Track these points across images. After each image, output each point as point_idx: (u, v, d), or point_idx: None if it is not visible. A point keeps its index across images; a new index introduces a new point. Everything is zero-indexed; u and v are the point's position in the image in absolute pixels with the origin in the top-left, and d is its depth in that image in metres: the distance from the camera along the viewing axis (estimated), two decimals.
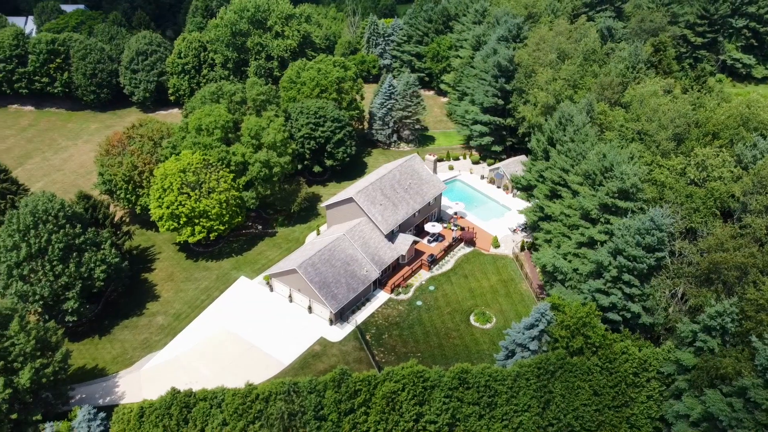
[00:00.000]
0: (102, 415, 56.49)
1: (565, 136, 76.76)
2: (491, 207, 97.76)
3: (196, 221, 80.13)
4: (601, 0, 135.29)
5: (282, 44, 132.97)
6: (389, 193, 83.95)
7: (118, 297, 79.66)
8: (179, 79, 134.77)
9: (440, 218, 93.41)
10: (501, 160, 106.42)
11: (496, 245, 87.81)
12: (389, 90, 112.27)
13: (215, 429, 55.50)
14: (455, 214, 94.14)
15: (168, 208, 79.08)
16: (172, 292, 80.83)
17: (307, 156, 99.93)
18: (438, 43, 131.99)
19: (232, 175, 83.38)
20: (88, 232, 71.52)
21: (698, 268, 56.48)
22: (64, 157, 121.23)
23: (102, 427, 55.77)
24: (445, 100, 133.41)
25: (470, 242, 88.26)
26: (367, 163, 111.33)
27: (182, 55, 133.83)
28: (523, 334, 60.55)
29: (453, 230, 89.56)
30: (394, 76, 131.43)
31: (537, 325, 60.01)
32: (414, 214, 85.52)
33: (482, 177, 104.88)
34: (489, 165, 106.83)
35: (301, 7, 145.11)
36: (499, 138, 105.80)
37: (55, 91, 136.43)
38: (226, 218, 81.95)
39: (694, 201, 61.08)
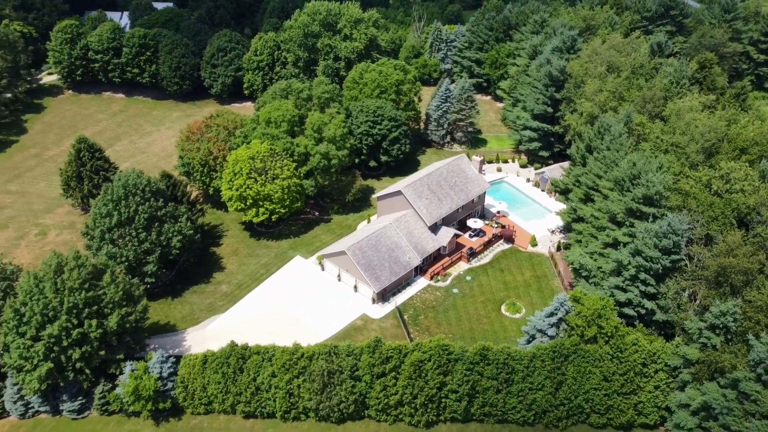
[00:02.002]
0: (172, 359, 66.52)
1: (602, 144, 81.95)
2: (533, 208, 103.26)
3: (261, 203, 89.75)
4: (661, 14, 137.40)
5: (349, 46, 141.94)
6: (435, 188, 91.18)
7: (189, 266, 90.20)
8: (254, 75, 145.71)
9: (483, 215, 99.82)
10: (548, 165, 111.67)
11: (534, 244, 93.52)
12: (446, 94, 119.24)
13: (265, 379, 64.46)
14: (498, 212, 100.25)
15: (237, 190, 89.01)
16: (236, 264, 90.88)
17: (365, 151, 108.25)
18: (497, 51, 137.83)
19: (294, 165, 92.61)
20: (168, 207, 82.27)
21: (710, 271, 61.06)
22: (148, 141, 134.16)
23: (171, 369, 65.75)
24: (501, 105, 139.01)
25: (509, 239, 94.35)
26: (420, 161, 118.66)
27: (258, 53, 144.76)
28: (544, 321, 66.79)
29: (494, 227, 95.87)
30: (452, 80, 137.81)
31: (556, 314, 66.13)
32: (457, 209, 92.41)
33: (528, 180, 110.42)
34: (536, 169, 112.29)
35: (369, 12, 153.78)
36: (546, 144, 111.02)
37: (144, 81, 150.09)
38: (287, 203, 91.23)
39: (713, 210, 65.45)
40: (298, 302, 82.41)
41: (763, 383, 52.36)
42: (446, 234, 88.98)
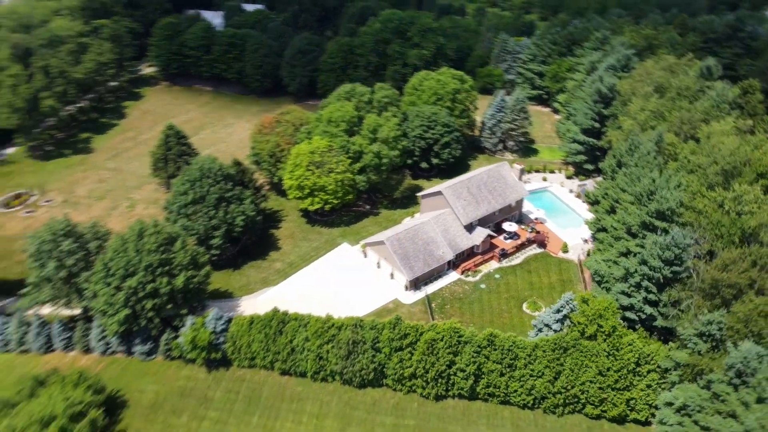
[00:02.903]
0: (225, 318, 78.30)
1: (631, 160, 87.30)
2: (571, 217, 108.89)
3: (316, 194, 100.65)
4: (728, 36, 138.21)
5: (417, 54, 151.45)
6: (474, 191, 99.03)
7: (250, 244, 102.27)
8: (327, 76, 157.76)
9: (520, 220, 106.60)
10: (592, 177, 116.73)
11: (565, 250, 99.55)
12: (500, 104, 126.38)
13: (300, 342, 74.94)
14: (536, 218, 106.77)
15: (296, 180, 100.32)
16: (291, 246, 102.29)
17: (417, 153, 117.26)
18: (558, 65, 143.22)
19: (349, 161, 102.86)
20: (235, 190, 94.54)
21: (705, 284, 66.11)
22: (229, 131, 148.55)
23: (224, 327, 77.49)
24: (558, 117, 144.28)
25: (542, 244, 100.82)
26: (471, 166, 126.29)
27: (333, 55, 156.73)
28: (551, 316, 73.77)
29: (528, 232, 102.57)
30: (508, 92, 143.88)
31: (562, 311, 72.98)
32: (494, 212, 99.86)
33: (570, 191, 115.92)
34: (580, 181, 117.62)
35: (441, 21, 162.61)
36: (592, 157, 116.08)
37: (229, 76, 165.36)
38: (340, 194, 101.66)
39: (719, 229, 70.08)
40: (340, 283, 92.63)
41: (734, 386, 57.61)
42: (480, 234, 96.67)
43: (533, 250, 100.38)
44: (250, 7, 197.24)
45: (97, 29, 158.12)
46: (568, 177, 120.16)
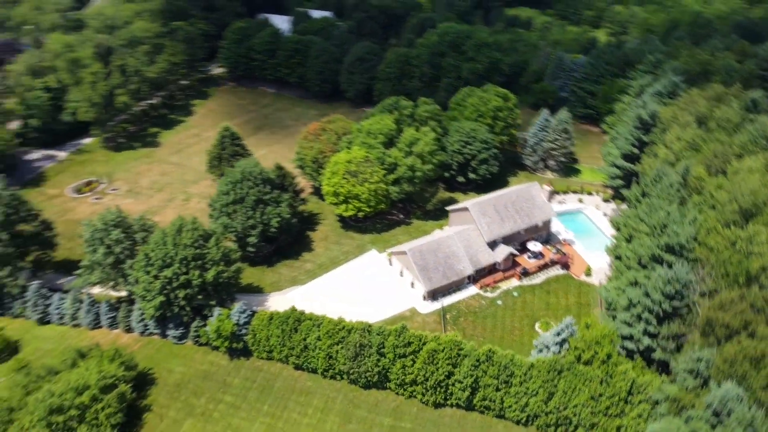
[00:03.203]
0: (249, 312, 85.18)
1: (654, 191, 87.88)
2: (601, 241, 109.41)
3: (350, 201, 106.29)
4: None
5: (471, 68, 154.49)
6: (501, 209, 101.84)
7: (287, 244, 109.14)
8: (383, 85, 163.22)
9: (548, 240, 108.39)
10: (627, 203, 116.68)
11: (588, 274, 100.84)
12: (543, 123, 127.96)
13: (312, 341, 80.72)
14: (563, 240, 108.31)
15: (333, 186, 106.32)
16: (323, 248, 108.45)
17: (455, 167, 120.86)
18: (610, 86, 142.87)
19: (383, 172, 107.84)
20: (273, 193, 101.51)
21: (701, 321, 66.93)
22: (284, 133, 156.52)
23: (246, 320, 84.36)
24: (606, 138, 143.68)
25: (565, 266, 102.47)
26: (509, 182, 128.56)
27: (390, 65, 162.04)
28: (551, 338, 76.23)
29: (554, 252, 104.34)
30: (551, 112, 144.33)
31: (561, 334, 75.31)
32: (519, 231, 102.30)
33: (605, 214, 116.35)
34: (616, 205, 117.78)
35: (498, 35, 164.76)
36: (628, 183, 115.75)
37: (292, 80, 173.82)
38: (372, 203, 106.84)
39: (726, 268, 70.37)
40: (363, 288, 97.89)
41: (711, 424, 58.75)
42: (502, 251, 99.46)
43: (556, 270, 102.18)
44: (318, 14, 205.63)
45: (173, 31, 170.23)
46: (605, 200, 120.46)
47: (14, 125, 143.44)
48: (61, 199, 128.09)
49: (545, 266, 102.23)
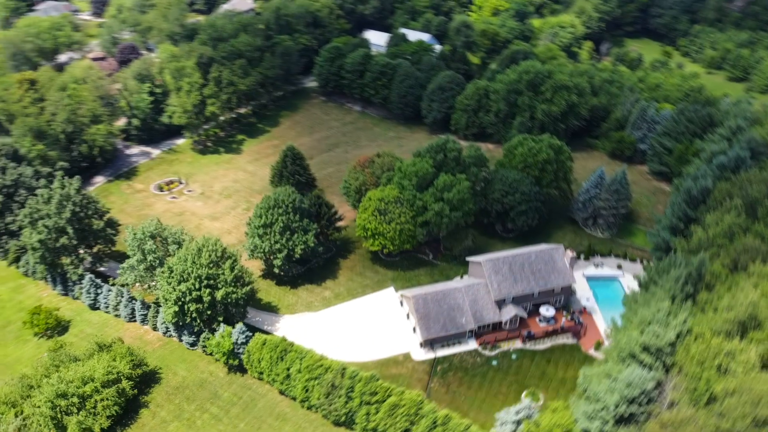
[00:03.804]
0: (248, 333, 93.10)
1: (660, 279, 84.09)
2: None
3: (376, 237, 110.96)
4: None
5: (546, 109, 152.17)
6: (516, 269, 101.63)
7: (317, 268, 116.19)
8: (460, 116, 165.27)
9: (566, 305, 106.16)
10: None
11: (597, 348, 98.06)
12: (597, 180, 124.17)
13: (294, 372, 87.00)
14: (584, 307, 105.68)
15: (363, 221, 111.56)
16: (346, 278, 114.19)
17: (493, 215, 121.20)
18: (686, 146, 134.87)
19: (412, 213, 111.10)
20: (302, 222, 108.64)
21: None
22: (356, 153, 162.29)
23: (244, 340, 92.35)
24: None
25: (576, 335, 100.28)
26: (553, 235, 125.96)
27: (468, 97, 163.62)
28: (509, 415, 76.65)
29: (568, 319, 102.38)
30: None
31: (519, 414, 75.55)
32: (532, 294, 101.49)
33: (639, 285, 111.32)
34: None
35: (579, 79, 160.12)
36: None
37: (376, 101, 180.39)
38: (397, 242, 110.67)
39: (695, 382, 66.89)
40: (368, 324, 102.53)
41: None
42: (508, 312, 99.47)
43: (565, 338, 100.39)
44: (416, 36, 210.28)
45: (273, 45, 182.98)
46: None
47: (121, 122, 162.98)
48: (144, 194, 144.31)
49: (554, 332, 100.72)
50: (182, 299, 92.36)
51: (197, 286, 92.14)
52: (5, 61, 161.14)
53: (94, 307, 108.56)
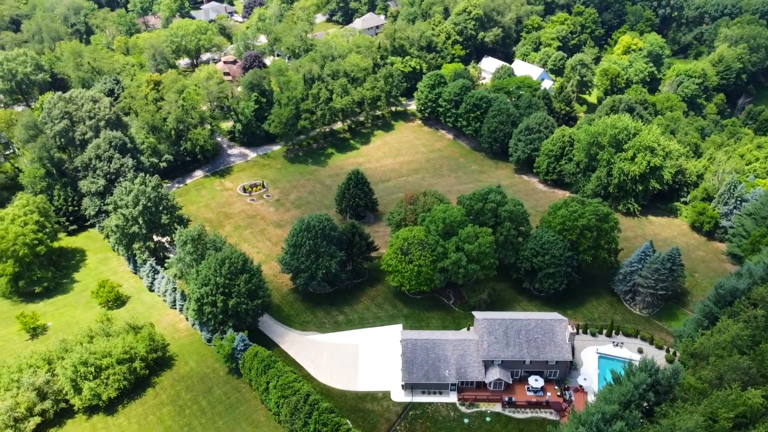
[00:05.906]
0: (248, 342, 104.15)
1: (633, 378, 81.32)
2: None
3: (395, 274, 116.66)
4: None
5: (625, 167, 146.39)
6: (511, 333, 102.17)
7: (345, 289, 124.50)
8: (542, 159, 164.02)
9: (562, 379, 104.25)
10: None
11: None
12: (641, 256, 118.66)
13: (271, 386, 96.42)
14: (580, 386, 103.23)
15: (387, 257, 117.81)
16: (364, 306, 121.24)
17: (522, 272, 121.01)
18: (764, 232, 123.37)
19: (432, 258, 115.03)
20: (329, 249, 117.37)
21: None
22: (432, 182, 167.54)
23: (243, 348, 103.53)
24: None
25: (559, 412, 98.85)
26: (585, 303, 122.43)
27: (554, 142, 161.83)
28: None
29: (558, 394, 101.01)
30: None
31: None
32: (523, 361, 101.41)
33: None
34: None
35: (669, 143, 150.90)
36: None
37: (467, 132, 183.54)
38: (414, 283, 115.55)
39: None
40: (364, 355, 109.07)
41: None
42: (493, 373, 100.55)
43: (547, 413, 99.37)
44: (527, 69, 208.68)
45: (377, 66, 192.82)
46: (668, 361, 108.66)
47: (229, 124, 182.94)
48: (230, 193, 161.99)
49: (538, 404, 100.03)
50: (201, 300, 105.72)
51: (214, 291, 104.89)
52: (147, 61, 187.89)
53: (150, 288, 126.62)
